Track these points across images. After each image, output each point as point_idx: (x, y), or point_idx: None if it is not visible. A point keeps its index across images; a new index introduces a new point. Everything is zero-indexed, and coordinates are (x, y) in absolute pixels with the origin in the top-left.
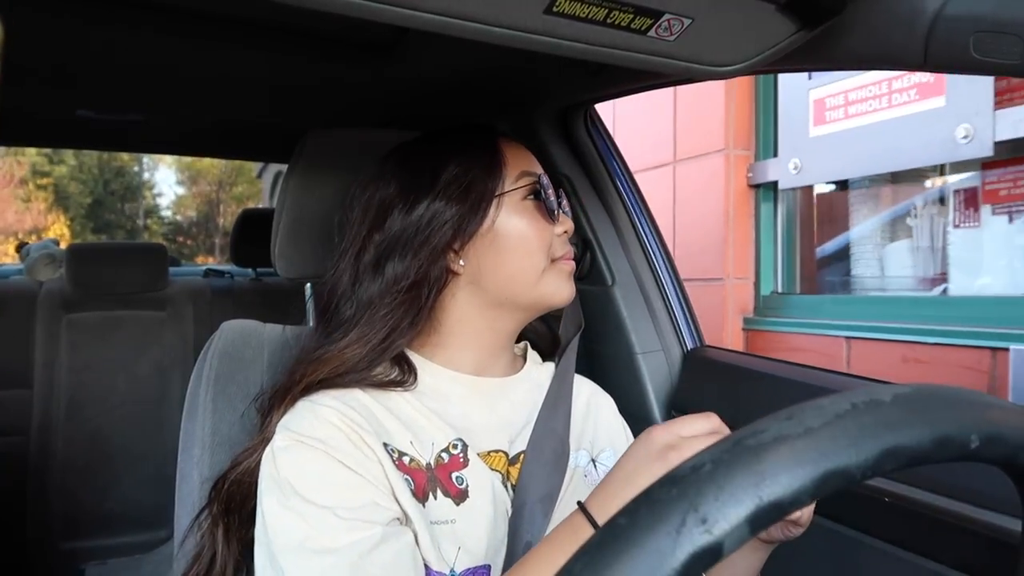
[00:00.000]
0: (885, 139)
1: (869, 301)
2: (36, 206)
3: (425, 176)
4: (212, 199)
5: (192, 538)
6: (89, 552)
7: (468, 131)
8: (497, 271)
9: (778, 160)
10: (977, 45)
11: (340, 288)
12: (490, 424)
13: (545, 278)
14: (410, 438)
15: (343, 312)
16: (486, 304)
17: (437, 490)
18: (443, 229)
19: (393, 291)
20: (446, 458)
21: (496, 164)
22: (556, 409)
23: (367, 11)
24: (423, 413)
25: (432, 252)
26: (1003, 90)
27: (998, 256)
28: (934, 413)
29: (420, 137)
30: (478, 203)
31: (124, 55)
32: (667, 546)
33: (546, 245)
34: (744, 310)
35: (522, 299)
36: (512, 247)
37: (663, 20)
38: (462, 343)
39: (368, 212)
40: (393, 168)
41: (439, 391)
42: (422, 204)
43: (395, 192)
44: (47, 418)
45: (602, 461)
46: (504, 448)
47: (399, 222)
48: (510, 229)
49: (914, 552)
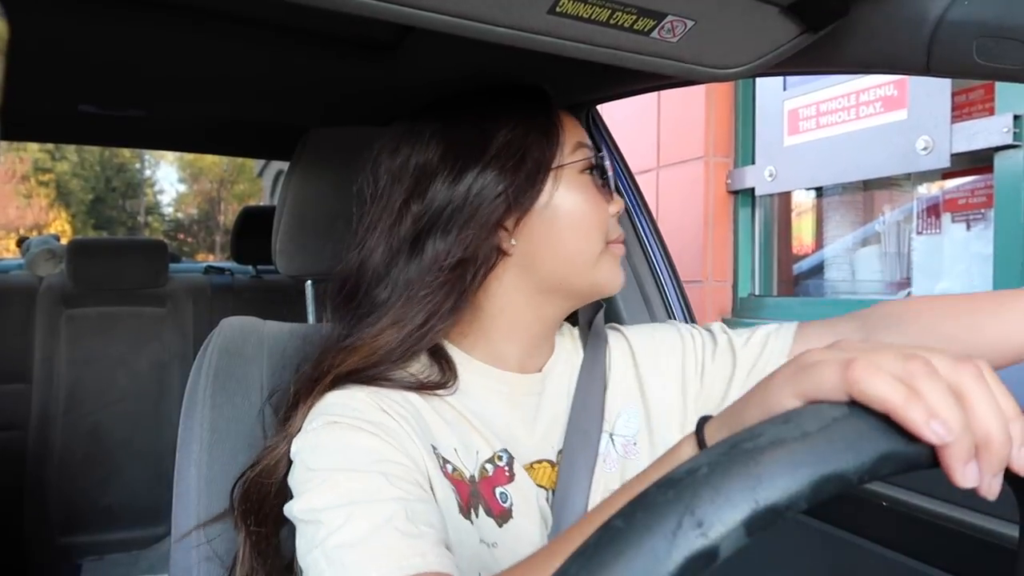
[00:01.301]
0: (853, 149)
1: (837, 304)
2: (38, 202)
3: (474, 140)
4: (213, 197)
5: (193, 535)
6: (87, 547)
7: (519, 92)
8: (552, 252)
9: (755, 167)
10: (980, 50)
11: (371, 266)
12: (535, 431)
13: (600, 262)
14: (455, 445)
15: (376, 294)
16: (534, 289)
17: (480, 507)
18: (494, 202)
19: (434, 271)
20: (491, 470)
21: (553, 131)
22: (587, 406)
23: (370, 9)
24: (467, 418)
25: (481, 228)
26: (961, 104)
27: (957, 261)
28: None
29: (464, 93)
30: (534, 174)
31: (126, 51)
32: (663, 549)
33: (604, 225)
34: (722, 311)
35: (575, 285)
36: (569, 226)
37: (666, 22)
38: (505, 333)
39: (402, 178)
40: (434, 128)
41: (481, 393)
42: (470, 173)
43: (437, 157)
44: (46, 413)
45: (618, 432)
46: (549, 457)
47: (443, 193)
48: (568, 205)
49: (911, 556)
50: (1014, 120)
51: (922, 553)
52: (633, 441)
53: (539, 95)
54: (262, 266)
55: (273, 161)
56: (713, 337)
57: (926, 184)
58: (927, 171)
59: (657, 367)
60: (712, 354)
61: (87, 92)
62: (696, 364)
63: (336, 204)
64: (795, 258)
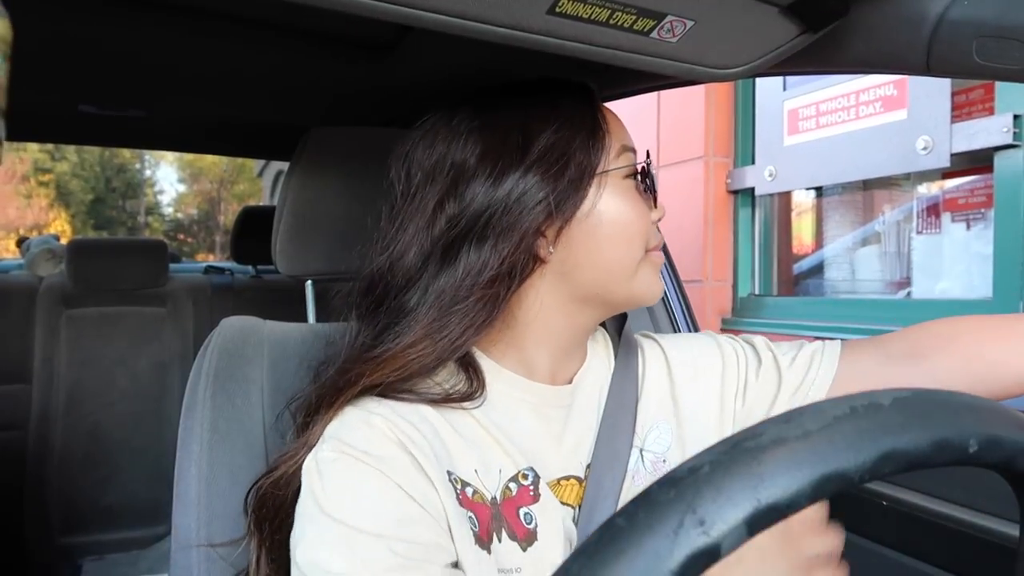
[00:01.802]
0: (852, 149)
1: (837, 303)
2: (38, 202)
3: (515, 140)
4: (213, 197)
5: (193, 535)
6: (87, 547)
7: (563, 88)
8: (591, 261)
9: (755, 167)
10: (980, 50)
11: (400, 269)
12: (563, 445)
13: (640, 271)
14: (475, 465)
15: (405, 300)
16: (569, 298)
17: (502, 530)
18: (535, 209)
19: (468, 284)
20: (514, 490)
21: (599, 134)
22: (617, 420)
23: (370, 10)
24: (491, 432)
25: (519, 237)
26: (961, 104)
27: (956, 261)
28: (933, 417)
29: (504, 87)
30: (578, 180)
31: (126, 51)
32: (664, 547)
33: (646, 232)
34: (722, 311)
35: (613, 295)
36: (612, 234)
37: (666, 22)
38: (536, 342)
39: (436, 177)
40: (472, 125)
41: (508, 404)
42: (510, 176)
43: (475, 156)
44: (46, 413)
45: (648, 447)
46: (577, 473)
47: (481, 196)
48: (612, 213)
49: (912, 556)
50: (1014, 120)
51: (922, 553)
52: (663, 458)
53: (583, 92)
54: (262, 266)
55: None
56: (757, 354)
57: (926, 184)
58: (927, 171)
59: (694, 381)
60: (756, 372)
61: (87, 92)
62: (738, 382)
63: (336, 204)
64: (795, 258)
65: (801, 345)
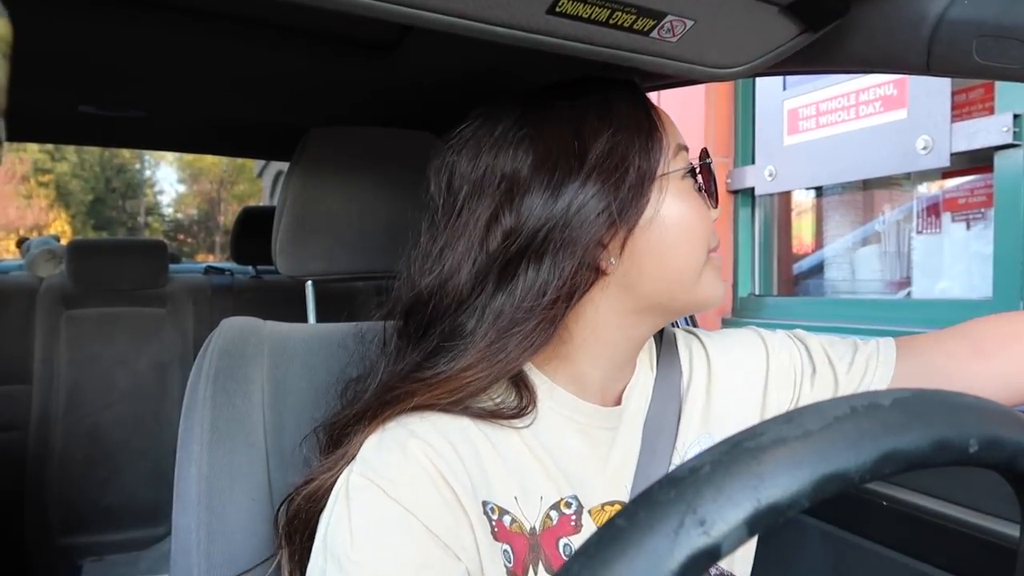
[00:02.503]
0: (852, 149)
1: (837, 303)
2: (37, 203)
3: (570, 147)
4: (213, 197)
5: (193, 536)
6: (87, 548)
7: (610, 87)
8: (657, 269)
9: (755, 167)
10: (980, 49)
11: (452, 290)
12: (607, 468)
13: (704, 275)
14: (516, 492)
15: (461, 323)
16: (631, 310)
17: (539, 563)
18: (597, 220)
19: (531, 304)
20: (555, 518)
21: (656, 135)
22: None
23: (370, 9)
24: (536, 455)
25: (582, 251)
26: (960, 103)
27: (956, 261)
28: (933, 417)
29: (551, 88)
30: (639, 186)
31: (126, 52)
32: (665, 547)
33: (708, 234)
34: (722, 311)
35: (677, 302)
36: (676, 240)
37: (665, 21)
38: (592, 356)
39: (486, 190)
40: (519, 131)
41: (557, 423)
42: (569, 187)
43: (529, 166)
44: (46, 413)
45: None
46: (622, 498)
47: (539, 209)
48: (675, 217)
49: (912, 556)
50: (1014, 119)
51: (922, 553)
52: None
53: (632, 90)
54: (262, 266)
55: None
56: (812, 360)
57: (926, 183)
58: (927, 170)
59: (733, 387)
60: (812, 382)
61: (87, 92)
62: (791, 388)
63: (336, 204)
64: (795, 257)
65: (856, 347)
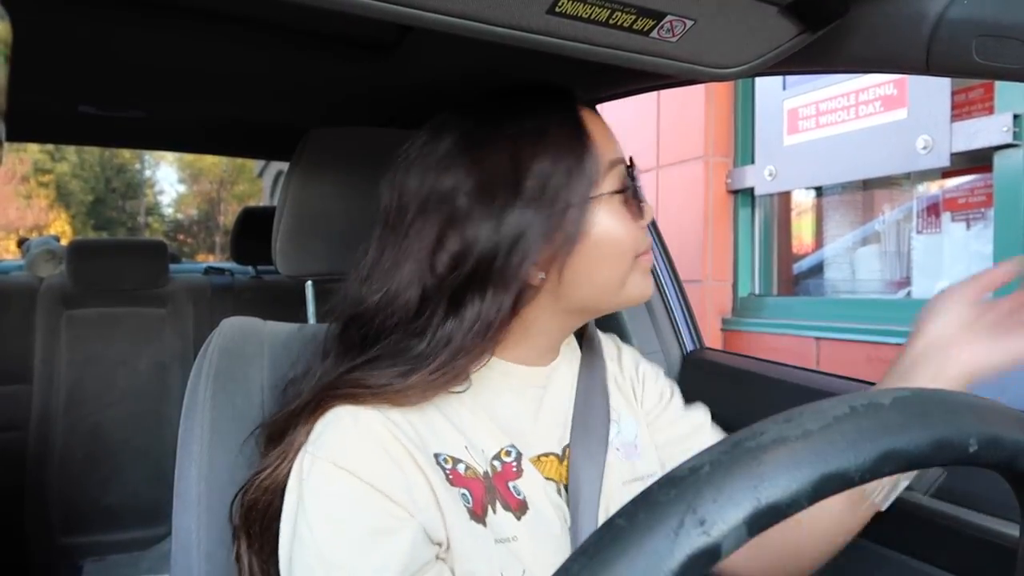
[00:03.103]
0: (852, 148)
1: (837, 303)
2: (38, 203)
3: (505, 173)
4: (213, 197)
5: (194, 536)
6: (87, 548)
7: (543, 102)
8: (585, 281)
9: (755, 167)
10: (979, 49)
11: (400, 308)
12: (539, 423)
13: (630, 280)
14: (464, 443)
15: (412, 345)
16: (561, 311)
17: (496, 503)
18: (536, 245)
19: (481, 328)
20: (499, 467)
21: (588, 157)
22: (590, 405)
23: (370, 10)
24: (475, 412)
25: (524, 275)
26: (960, 103)
27: (957, 261)
28: (933, 417)
29: (480, 107)
30: (573, 211)
31: (126, 52)
32: (665, 547)
33: (636, 244)
34: (722, 311)
35: (604, 304)
36: (603, 254)
37: (665, 21)
38: (526, 343)
39: (429, 209)
40: (456, 152)
41: (493, 385)
42: (509, 212)
43: (471, 190)
44: (46, 414)
45: (623, 430)
46: (555, 450)
47: (485, 236)
48: (604, 234)
49: (911, 556)
50: (1014, 119)
51: (922, 553)
52: (634, 444)
53: (568, 105)
54: (262, 266)
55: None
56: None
57: (926, 183)
58: (927, 170)
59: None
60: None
61: (87, 93)
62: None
63: (336, 204)
64: (795, 257)
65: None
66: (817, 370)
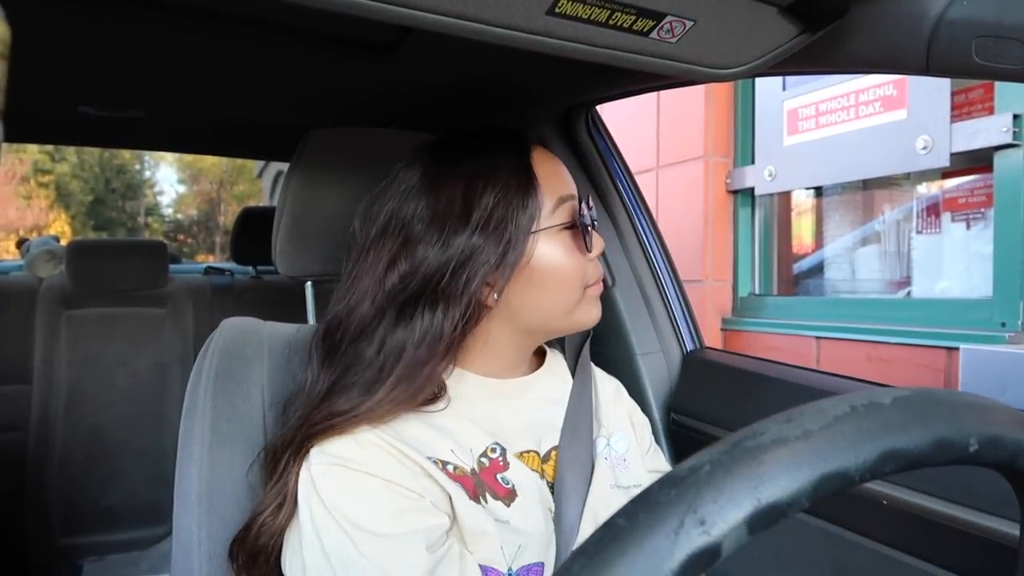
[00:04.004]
0: (852, 149)
1: (837, 303)
2: (37, 203)
3: (457, 204)
4: (213, 198)
5: (194, 536)
6: (87, 548)
7: (498, 144)
8: (531, 305)
9: (755, 167)
10: (979, 49)
11: (359, 316)
12: (517, 425)
13: (578, 308)
14: (450, 446)
15: (363, 351)
16: (516, 330)
17: (486, 494)
18: (481, 268)
19: (431, 342)
20: (487, 462)
21: (532, 193)
22: (579, 416)
23: (370, 11)
24: (457, 420)
25: (470, 295)
26: (960, 104)
27: (957, 261)
28: (933, 416)
29: (444, 146)
30: (516, 239)
31: (126, 52)
32: (665, 547)
33: (582, 275)
34: (722, 311)
35: (554, 327)
36: (548, 283)
37: (665, 22)
38: (488, 357)
39: (389, 232)
40: (418, 184)
41: (467, 395)
42: (457, 238)
43: (425, 217)
44: (46, 414)
45: (612, 445)
46: (535, 448)
47: (433, 256)
48: (546, 264)
49: (912, 555)
50: (1013, 119)
51: (922, 552)
52: (623, 458)
53: (520, 148)
54: (262, 267)
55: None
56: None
57: (926, 183)
58: (927, 170)
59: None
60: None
61: (87, 93)
62: None
63: (336, 205)
64: (795, 257)
65: None
66: (817, 370)
